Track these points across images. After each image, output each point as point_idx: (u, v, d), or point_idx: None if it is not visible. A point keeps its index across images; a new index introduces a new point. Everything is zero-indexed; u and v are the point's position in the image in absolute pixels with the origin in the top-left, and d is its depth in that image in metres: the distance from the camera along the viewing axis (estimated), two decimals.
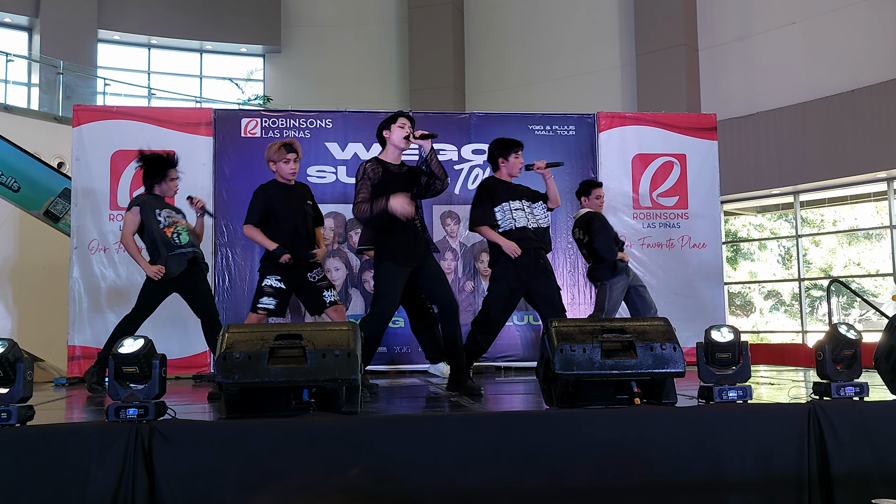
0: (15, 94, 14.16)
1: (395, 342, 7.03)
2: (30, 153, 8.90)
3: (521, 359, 7.16)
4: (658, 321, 3.60)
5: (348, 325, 3.48)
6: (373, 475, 3.05)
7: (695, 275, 7.44)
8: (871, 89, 12.22)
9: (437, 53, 16.88)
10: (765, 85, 13.68)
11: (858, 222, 14.30)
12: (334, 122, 7.32)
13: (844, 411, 3.38)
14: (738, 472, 3.24)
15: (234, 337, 3.30)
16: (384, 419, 3.37)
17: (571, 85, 15.67)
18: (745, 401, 3.44)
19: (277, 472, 3.01)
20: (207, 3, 17.32)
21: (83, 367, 6.73)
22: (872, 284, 14.22)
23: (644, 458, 3.22)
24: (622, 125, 7.60)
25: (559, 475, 3.16)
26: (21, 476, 2.85)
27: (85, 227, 6.86)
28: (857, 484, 3.29)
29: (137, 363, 3.07)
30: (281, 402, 3.35)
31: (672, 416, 3.35)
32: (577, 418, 3.28)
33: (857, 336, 3.58)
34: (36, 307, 8.63)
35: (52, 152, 10.43)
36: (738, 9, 14.24)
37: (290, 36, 17.84)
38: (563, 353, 3.37)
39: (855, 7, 12.79)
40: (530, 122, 7.47)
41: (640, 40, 15.07)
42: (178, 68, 17.91)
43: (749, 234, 15.77)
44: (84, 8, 16.10)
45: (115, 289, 6.75)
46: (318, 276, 5.16)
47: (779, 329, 15.12)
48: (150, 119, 7.11)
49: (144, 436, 2.94)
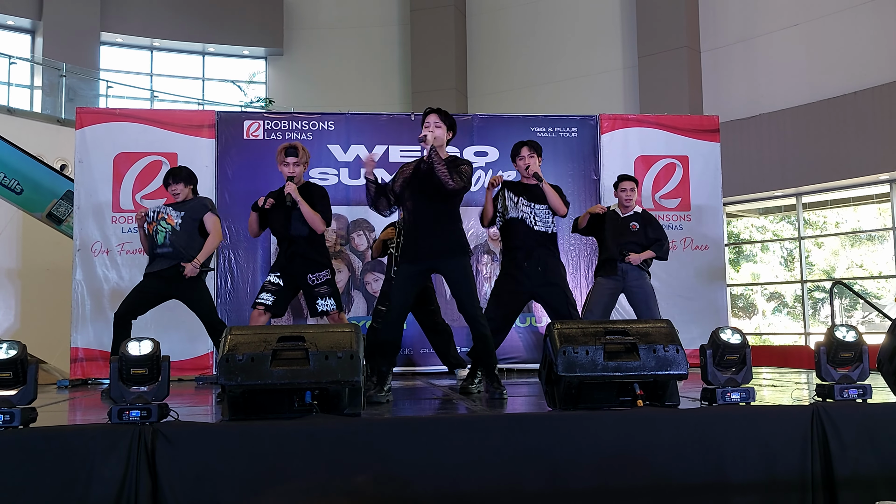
0: (18, 96, 14.17)
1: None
2: (32, 155, 8.91)
3: (523, 361, 7.16)
4: (661, 323, 3.60)
5: (350, 326, 3.49)
6: (375, 477, 3.05)
7: (697, 277, 7.43)
8: (873, 91, 12.21)
9: (439, 56, 16.88)
10: (767, 87, 13.67)
11: (861, 224, 14.28)
12: (336, 124, 7.32)
13: (848, 413, 3.38)
14: (742, 474, 3.24)
15: (237, 339, 3.30)
16: (387, 421, 3.37)
17: (573, 87, 15.67)
18: (748, 403, 3.44)
19: (280, 473, 3.00)
20: (210, 5, 17.34)
21: (86, 369, 6.75)
22: (875, 286, 14.20)
23: (647, 461, 3.21)
24: (625, 127, 7.60)
25: (562, 477, 3.15)
26: (24, 478, 2.86)
27: (88, 230, 6.87)
28: (860, 486, 3.28)
29: (148, 365, 3.07)
30: (284, 404, 3.35)
31: (675, 418, 3.34)
32: (580, 420, 3.28)
33: (856, 338, 3.56)
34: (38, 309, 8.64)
35: (54, 154, 10.44)
36: (741, 11, 14.23)
37: (293, 38, 17.85)
38: (565, 355, 3.37)
39: (858, 9, 12.78)
40: (532, 124, 7.47)
41: (642, 42, 15.07)
42: (181, 71, 17.93)
43: (751, 236, 15.76)
44: (87, 10, 16.12)
45: (117, 291, 6.75)
46: (320, 280, 5.12)
47: (781, 331, 15.10)
48: (153, 121, 7.12)
49: (147, 438, 2.94)
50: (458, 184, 4.54)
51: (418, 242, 4.63)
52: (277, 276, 5.08)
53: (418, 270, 4.69)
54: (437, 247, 4.61)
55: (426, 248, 4.61)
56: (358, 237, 7.18)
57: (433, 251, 4.61)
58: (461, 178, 4.57)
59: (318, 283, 5.10)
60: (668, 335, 3.49)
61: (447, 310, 7.25)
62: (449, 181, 4.51)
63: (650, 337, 3.47)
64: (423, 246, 4.61)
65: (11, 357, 2.96)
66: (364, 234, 7.23)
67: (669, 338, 3.48)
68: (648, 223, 6.11)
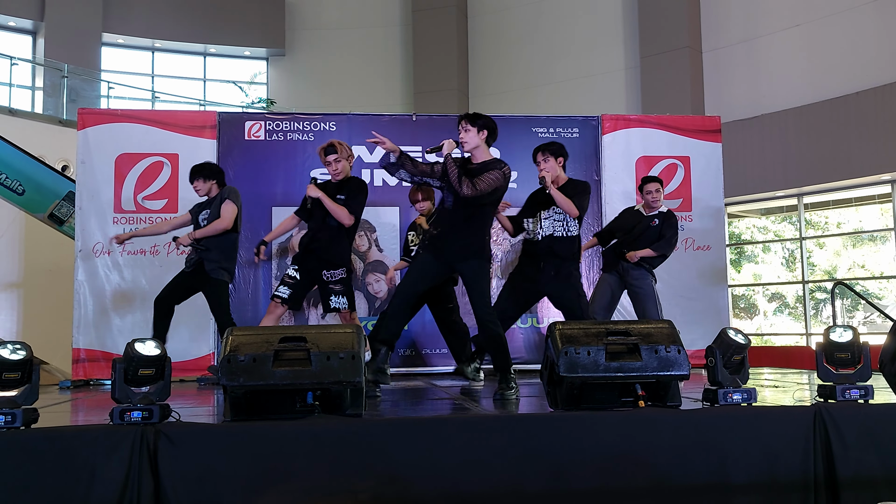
0: (19, 97, 14.18)
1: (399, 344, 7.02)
2: (34, 156, 8.92)
3: (525, 361, 7.15)
4: (662, 324, 3.60)
5: (353, 327, 3.49)
6: (377, 477, 3.05)
7: (699, 277, 7.43)
8: (875, 91, 12.20)
9: (440, 56, 16.89)
10: (769, 87, 13.66)
11: (863, 224, 14.27)
12: (338, 124, 7.32)
13: (850, 414, 3.38)
14: (744, 475, 3.23)
15: (239, 339, 3.30)
16: (389, 421, 3.37)
17: (575, 87, 15.67)
18: (749, 403, 3.44)
19: (282, 474, 3.01)
20: (211, 6, 17.35)
21: (88, 370, 6.76)
22: (877, 287, 14.19)
23: (649, 461, 3.21)
24: (626, 127, 7.60)
25: (564, 478, 3.15)
26: (26, 479, 2.86)
27: (89, 231, 6.87)
28: (862, 487, 3.28)
29: (156, 365, 3.08)
30: (285, 405, 3.35)
31: (677, 418, 3.34)
32: (582, 421, 3.28)
33: (851, 338, 3.56)
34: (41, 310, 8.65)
35: (56, 155, 10.45)
36: (743, 11, 14.23)
37: (294, 39, 17.86)
38: (567, 356, 3.36)
39: (860, 9, 12.77)
40: (534, 124, 7.47)
41: (644, 43, 15.06)
42: (182, 71, 17.94)
43: (753, 237, 15.75)
44: (88, 11, 16.14)
45: (119, 292, 6.76)
46: (336, 276, 5.17)
47: (783, 332, 15.09)
48: (155, 122, 7.13)
49: (150, 438, 2.94)
50: (470, 191, 4.52)
51: (441, 239, 4.69)
52: (295, 270, 5.19)
53: (436, 264, 4.73)
54: (455, 247, 4.65)
55: (447, 247, 4.67)
56: (359, 237, 7.17)
57: (452, 251, 4.66)
58: (475, 186, 4.53)
59: (332, 280, 5.15)
60: (669, 336, 3.49)
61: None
62: (460, 188, 4.51)
63: (652, 337, 3.47)
64: (445, 244, 4.68)
65: (22, 358, 2.97)
66: (366, 235, 7.23)
67: (671, 338, 3.47)
68: (665, 220, 6.23)
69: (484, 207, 4.68)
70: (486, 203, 4.66)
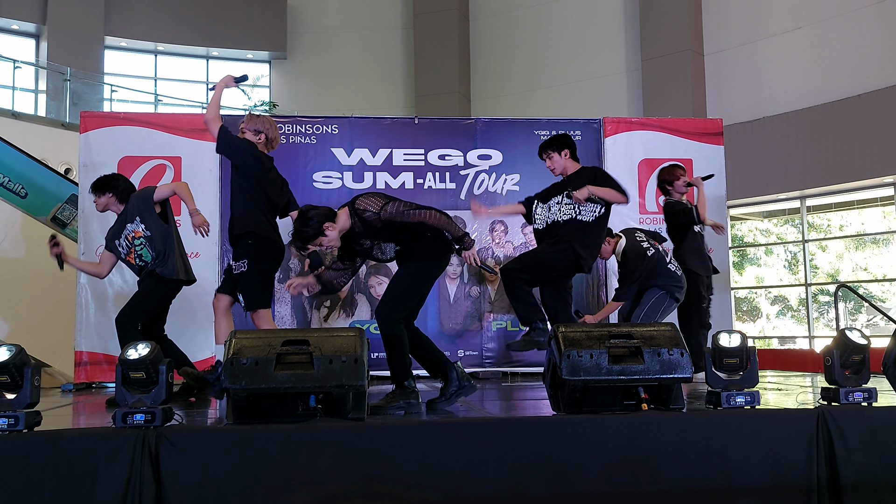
0: (22, 100, 14.19)
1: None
2: (37, 159, 8.93)
3: (527, 364, 7.14)
4: (665, 326, 3.59)
5: (355, 331, 3.48)
6: (380, 481, 3.04)
7: None
8: (877, 94, 12.19)
9: (442, 59, 16.90)
10: (771, 90, 13.66)
11: (865, 227, 14.25)
12: (340, 127, 7.33)
13: (853, 417, 3.37)
14: (747, 478, 3.23)
15: (241, 343, 3.30)
16: (391, 425, 3.37)
17: (577, 90, 15.67)
18: (752, 406, 3.43)
19: (284, 477, 3.00)
20: (214, 9, 17.39)
21: (90, 373, 6.76)
22: (880, 289, 14.17)
23: (651, 464, 3.21)
24: (628, 130, 7.60)
25: (566, 481, 3.15)
26: (28, 482, 2.86)
27: (92, 233, 6.88)
28: (866, 489, 3.27)
29: (144, 368, 3.07)
30: (288, 408, 3.35)
31: (680, 421, 3.33)
32: (585, 424, 3.27)
33: (865, 341, 3.56)
34: (43, 313, 8.64)
35: (59, 158, 10.47)
36: (744, 14, 14.23)
37: (296, 42, 17.89)
38: (570, 359, 3.36)
39: (861, 12, 12.77)
40: (536, 127, 7.47)
41: (645, 45, 15.07)
42: (185, 74, 17.98)
43: (755, 240, 15.73)
44: (91, 15, 16.17)
45: (122, 295, 6.75)
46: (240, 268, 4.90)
47: (786, 334, 15.07)
48: (157, 125, 7.13)
49: (151, 441, 2.94)
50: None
51: None
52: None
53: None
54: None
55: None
56: None
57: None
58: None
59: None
60: (672, 338, 3.48)
61: (450, 313, 7.27)
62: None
63: (655, 340, 3.46)
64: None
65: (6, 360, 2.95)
66: None
67: (674, 341, 3.47)
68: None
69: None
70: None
